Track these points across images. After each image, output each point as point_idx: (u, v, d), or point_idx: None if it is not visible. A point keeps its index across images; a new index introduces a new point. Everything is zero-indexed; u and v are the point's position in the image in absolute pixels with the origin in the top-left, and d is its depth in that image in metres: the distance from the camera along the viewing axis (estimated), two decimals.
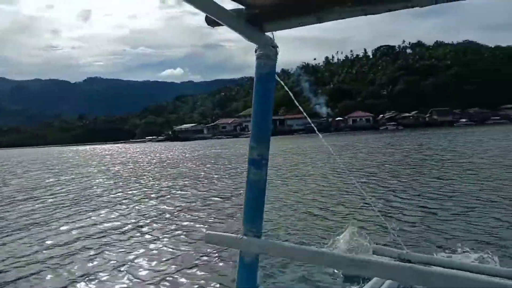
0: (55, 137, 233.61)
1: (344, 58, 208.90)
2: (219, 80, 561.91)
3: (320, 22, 1.53)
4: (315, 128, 2.58)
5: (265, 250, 1.71)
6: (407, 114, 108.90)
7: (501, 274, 2.90)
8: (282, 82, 2.00)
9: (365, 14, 1.43)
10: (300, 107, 2.26)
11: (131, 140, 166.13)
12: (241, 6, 1.60)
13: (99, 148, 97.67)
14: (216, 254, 6.67)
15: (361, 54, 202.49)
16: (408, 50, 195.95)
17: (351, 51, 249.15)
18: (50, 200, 14.32)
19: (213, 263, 6.29)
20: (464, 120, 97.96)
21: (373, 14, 1.42)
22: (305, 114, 2.58)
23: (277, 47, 1.74)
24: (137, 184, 17.44)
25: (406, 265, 1.35)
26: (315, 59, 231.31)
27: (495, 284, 1.20)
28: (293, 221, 8.86)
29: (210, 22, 1.61)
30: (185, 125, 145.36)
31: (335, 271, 5.21)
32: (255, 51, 1.74)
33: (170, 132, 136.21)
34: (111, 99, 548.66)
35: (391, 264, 1.42)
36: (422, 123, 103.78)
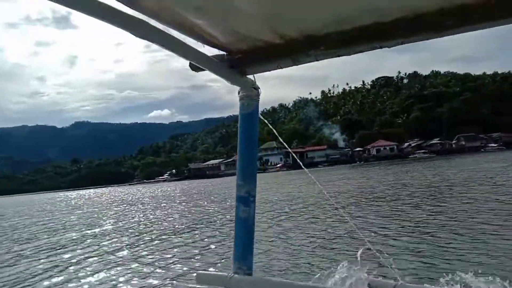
0: (50, 182, 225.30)
1: (341, 91, 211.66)
2: (208, 119, 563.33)
3: (296, 65, 1.61)
4: (301, 164, 2.69)
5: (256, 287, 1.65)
6: (433, 141, 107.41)
7: None
8: (266, 121, 2.13)
9: (338, 56, 1.51)
10: (282, 141, 2.37)
11: (144, 181, 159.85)
12: (222, 52, 1.66)
13: (118, 191, 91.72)
14: None
15: (359, 86, 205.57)
16: (405, 80, 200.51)
17: (347, 83, 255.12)
18: None
19: None
20: (495, 145, 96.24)
21: (345, 55, 1.51)
22: (288, 148, 2.61)
23: (259, 88, 1.79)
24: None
25: None
26: (310, 93, 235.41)
27: None
28: (285, 258, 8.74)
29: (194, 68, 1.68)
30: (212, 161, 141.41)
31: None
32: (238, 93, 1.80)
33: (184, 171, 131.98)
34: (100, 143, 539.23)
35: None
36: (449, 149, 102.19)
